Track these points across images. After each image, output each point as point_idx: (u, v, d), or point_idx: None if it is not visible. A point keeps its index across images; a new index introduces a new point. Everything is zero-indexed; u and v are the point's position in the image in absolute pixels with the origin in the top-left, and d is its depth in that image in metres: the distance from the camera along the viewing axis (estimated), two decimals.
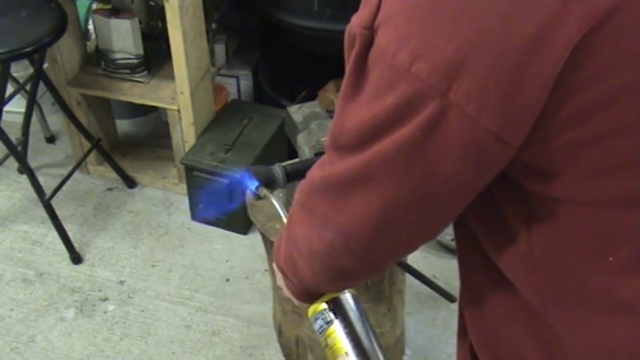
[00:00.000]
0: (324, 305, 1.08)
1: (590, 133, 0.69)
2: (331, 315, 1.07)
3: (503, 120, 0.67)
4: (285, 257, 1.01)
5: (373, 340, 1.06)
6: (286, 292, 1.08)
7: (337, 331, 1.06)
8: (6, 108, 2.30)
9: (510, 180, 0.76)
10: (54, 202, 2.37)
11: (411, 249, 0.88)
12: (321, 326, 1.08)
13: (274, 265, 1.09)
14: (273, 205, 1.35)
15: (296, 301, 1.09)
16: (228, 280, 2.34)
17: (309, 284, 1.01)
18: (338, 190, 0.82)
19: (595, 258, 0.77)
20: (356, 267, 0.91)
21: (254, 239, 2.40)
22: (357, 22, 0.75)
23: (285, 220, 1.36)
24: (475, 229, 0.86)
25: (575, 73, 0.65)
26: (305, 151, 1.47)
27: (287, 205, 1.60)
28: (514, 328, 0.89)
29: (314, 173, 0.87)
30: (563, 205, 0.75)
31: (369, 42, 0.72)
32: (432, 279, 2.00)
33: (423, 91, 0.68)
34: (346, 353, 1.04)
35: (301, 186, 0.92)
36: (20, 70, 2.57)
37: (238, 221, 2.44)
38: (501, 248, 0.83)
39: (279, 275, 1.07)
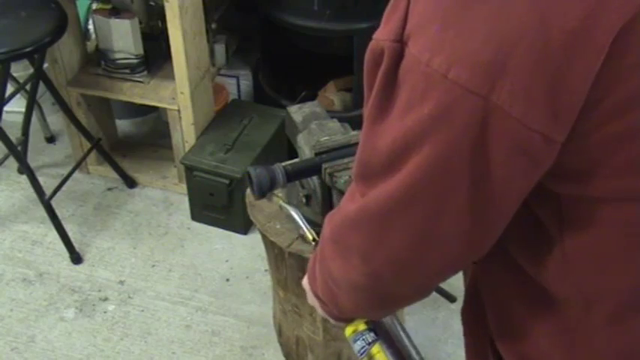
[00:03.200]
0: (364, 325, 1.04)
1: (630, 126, 0.68)
2: (372, 335, 1.04)
3: (548, 118, 0.66)
4: (322, 289, 0.97)
5: (417, 357, 1.03)
6: (321, 313, 1.05)
7: (381, 351, 1.03)
8: (6, 108, 2.30)
9: (541, 185, 0.74)
10: (54, 202, 2.37)
11: (462, 264, 0.84)
12: (363, 347, 1.05)
13: (305, 285, 1.05)
14: (296, 221, 1.34)
15: (332, 321, 1.06)
16: (228, 280, 2.34)
17: (351, 314, 0.99)
18: (377, 221, 0.78)
19: (630, 256, 0.76)
20: (404, 293, 0.88)
21: (254, 239, 2.40)
22: (383, 36, 0.72)
23: (309, 236, 1.35)
24: (505, 239, 0.83)
25: (615, 64, 0.64)
26: (305, 151, 1.47)
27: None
28: (540, 330, 0.88)
29: (345, 207, 0.84)
30: (597, 204, 0.74)
31: (398, 55, 0.70)
32: None
33: (463, 96, 0.66)
34: None
35: (331, 221, 0.89)
36: (20, 70, 2.57)
37: (238, 221, 2.44)
38: (534, 255, 0.82)
39: (312, 297, 1.04)
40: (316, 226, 1.52)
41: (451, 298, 1.97)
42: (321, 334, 1.72)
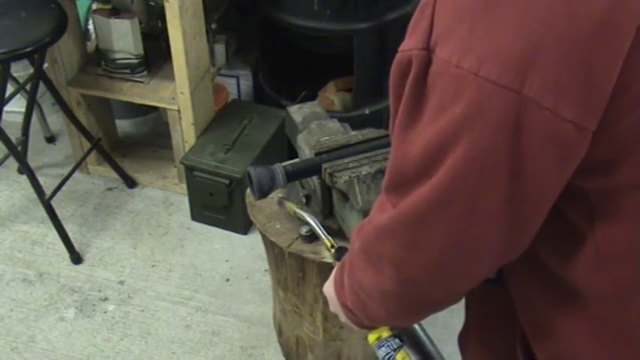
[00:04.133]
0: (388, 331, 1.04)
1: None
2: (397, 341, 1.04)
3: (580, 107, 0.67)
4: (352, 299, 0.97)
5: None
6: (344, 321, 1.05)
7: (407, 357, 1.03)
8: (6, 108, 2.29)
9: (570, 184, 0.75)
10: (54, 202, 2.37)
11: (497, 266, 0.83)
12: (388, 353, 1.05)
13: (328, 293, 1.04)
14: (313, 228, 1.34)
15: (356, 328, 1.05)
16: (228, 280, 2.34)
17: (382, 322, 0.99)
18: (413, 227, 0.78)
19: None
20: (438, 297, 0.88)
21: (254, 239, 2.40)
22: (410, 46, 0.73)
23: (327, 243, 1.35)
24: (534, 241, 0.82)
25: None
26: (305, 151, 1.47)
27: (287, 205, 1.60)
28: (576, 329, 0.88)
29: (377, 218, 0.84)
30: (626, 194, 0.75)
31: (427, 62, 0.71)
32: None
33: (495, 92, 0.67)
34: None
35: (361, 233, 0.89)
36: (20, 70, 2.57)
37: (238, 221, 2.44)
38: (564, 254, 0.82)
39: (336, 305, 1.03)
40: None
41: None
42: (321, 334, 1.72)
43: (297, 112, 1.59)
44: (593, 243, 0.79)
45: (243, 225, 2.44)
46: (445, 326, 2.15)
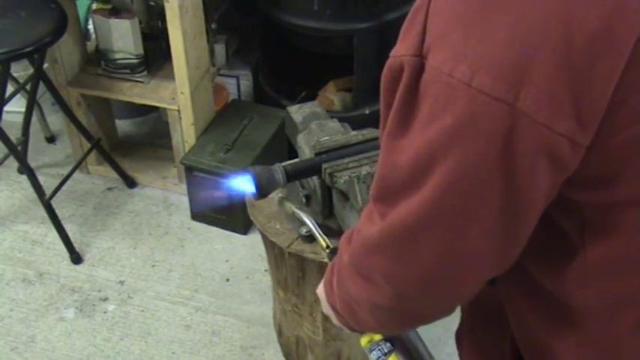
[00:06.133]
0: (380, 335, 1.04)
1: None
2: (389, 345, 1.03)
3: (574, 121, 0.65)
4: (341, 305, 0.95)
5: None
6: (336, 323, 1.03)
7: None
8: (6, 108, 2.29)
9: (563, 195, 0.73)
10: (54, 202, 2.37)
11: (488, 278, 0.81)
12: (379, 357, 1.04)
13: (320, 294, 1.03)
14: (309, 228, 1.33)
15: (347, 331, 1.04)
16: (228, 280, 2.34)
17: (371, 330, 0.97)
18: (403, 241, 0.76)
19: None
20: (429, 311, 0.86)
21: (254, 239, 2.40)
22: (402, 52, 0.71)
23: (322, 243, 1.34)
24: (522, 254, 0.80)
25: (638, 64, 0.64)
26: (305, 151, 1.47)
27: (279, 206, 1.60)
28: (565, 345, 0.87)
29: (365, 230, 0.82)
30: (619, 209, 0.73)
31: (419, 69, 0.69)
32: None
33: (487, 104, 0.65)
34: None
35: (349, 246, 0.87)
36: (20, 70, 2.57)
37: (238, 221, 2.44)
38: (553, 267, 0.80)
39: (327, 307, 1.02)
40: (320, 227, 1.52)
41: None
42: (321, 334, 1.72)
43: (297, 112, 1.59)
44: (583, 257, 0.78)
45: (243, 225, 2.44)
46: (445, 326, 2.15)
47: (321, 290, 1.05)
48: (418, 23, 0.70)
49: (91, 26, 2.66)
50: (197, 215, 2.51)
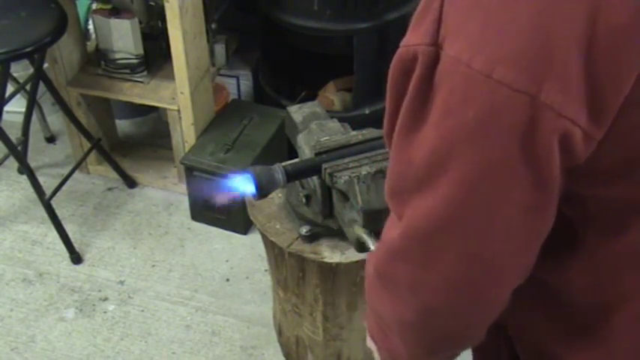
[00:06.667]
0: None
1: None
2: None
3: (591, 115, 0.64)
4: (376, 331, 0.91)
5: None
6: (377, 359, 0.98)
7: None
8: (6, 108, 2.30)
9: (571, 188, 0.72)
10: (54, 202, 2.37)
11: (514, 284, 0.77)
12: None
13: (368, 330, 0.98)
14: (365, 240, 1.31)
15: None
16: (228, 280, 2.34)
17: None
18: (423, 245, 0.73)
19: None
20: (459, 329, 0.82)
21: (254, 239, 2.40)
22: (415, 41, 0.68)
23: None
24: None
25: None
26: (305, 151, 1.47)
27: (285, 205, 1.60)
28: (568, 344, 0.86)
29: (387, 236, 0.79)
30: (627, 206, 0.72)
31: (434, 59, 0.66)
32: None
33: (509, 96, 0.63)
34: None
35: (375, 255, 0.83)
36: (20, 70, 2.57)
37: (238, 221, 2.44)
38: (557, 262, 0.78)
39: (369, 340, 0.97)
40: (316, 226, 1.52)
41: None
42: (321, 334, 1.72)
43: (297, 112, 1.59)
44: (590, 251, 0.77)
45: (243, 225, 2.44)
46: None
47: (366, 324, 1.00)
48: (433, 10, 0.67)
49: (91, 26, 2.66)
50: (197, 215, 2.52)
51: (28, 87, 2.42)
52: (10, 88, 2.33)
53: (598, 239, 0.77)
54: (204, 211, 2.48)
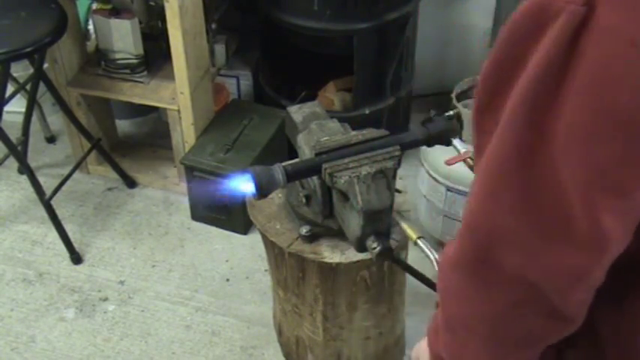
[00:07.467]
0: None
1: None
2: None
3: None
4: (447, 341, 0.85)
5: None
6: None
7: None
8: (6, 108, 2.30)
9: None
10: (54, 202, 2.37)
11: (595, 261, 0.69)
12: None
13: (416, 351, 0.93)
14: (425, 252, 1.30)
15: None
16: (228, 280, 2.34)
17: None
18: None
19: None
20: (551, 328, 0.74)
21: (254, 239, 2.40)
22: None
23: (437, 267, 1.23)
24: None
25: None
26: (305, 151, 1.47)
27: (285, 205, 1.60)
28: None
29: (495, 221, 0.70)
30: None
31: (582, 21, 0.57)
32: (433, 279, 2.00)
33: None
34: None
35: (467, 238, 0.75)
36: (20, 70, 2.57)
37: (238, 221, 2.44)
38: None
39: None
40: (316, 226, 1.52)
41: None
42: (321, 334, 1.72)
43: (297, 112, 1.59)
44: None
45: (243, 225, 2.44)
46: None
47: (418, 347, 0.96)
48: None
49: (91, 26, 2.66)
50: (197, 215, 2.52)
51: (28, 87, 2.42)
52: (10, 88, 2.33)
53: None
54: (204, 211, 2.48)
